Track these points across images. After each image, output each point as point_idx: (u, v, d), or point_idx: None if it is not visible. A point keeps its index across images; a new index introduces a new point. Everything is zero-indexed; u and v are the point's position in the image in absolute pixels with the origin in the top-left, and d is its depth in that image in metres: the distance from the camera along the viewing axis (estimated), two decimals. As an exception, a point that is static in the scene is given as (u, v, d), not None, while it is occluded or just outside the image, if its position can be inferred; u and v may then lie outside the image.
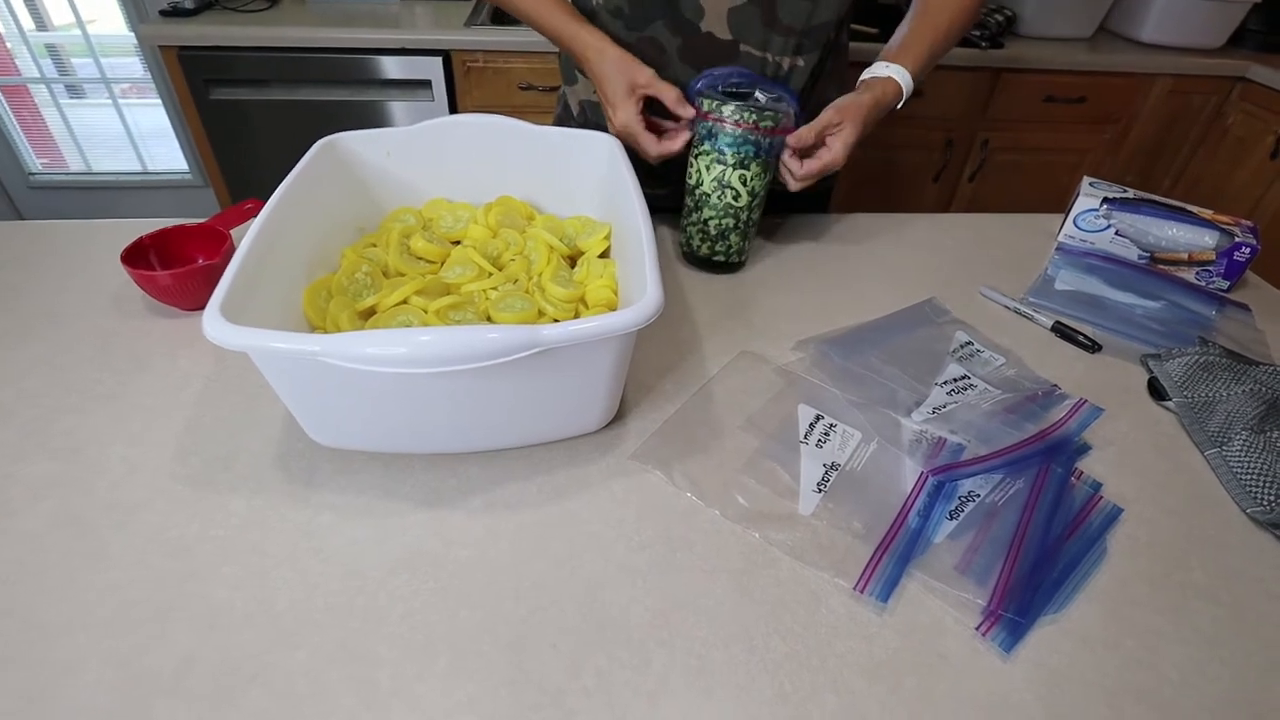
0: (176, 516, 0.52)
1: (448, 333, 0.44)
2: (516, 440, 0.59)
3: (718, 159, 0.78)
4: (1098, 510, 0.57)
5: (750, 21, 0.81)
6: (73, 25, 2.28)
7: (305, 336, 0.44)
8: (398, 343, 0.43)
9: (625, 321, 0.47)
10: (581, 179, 0.78)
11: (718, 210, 0.80)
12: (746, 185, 0.79)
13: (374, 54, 1.73)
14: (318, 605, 0.47)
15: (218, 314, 0.46)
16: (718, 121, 0.76)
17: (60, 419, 0.60)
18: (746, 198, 0.79)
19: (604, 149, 0.75)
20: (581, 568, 0.50)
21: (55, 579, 0.48)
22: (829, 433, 0.62)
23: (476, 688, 0.43)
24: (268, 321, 0.49)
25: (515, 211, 0.76)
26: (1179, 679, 0.46)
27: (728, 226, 0.81)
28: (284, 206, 0.60)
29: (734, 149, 0.77)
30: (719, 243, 0.82)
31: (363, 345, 0.43)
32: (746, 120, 0.75)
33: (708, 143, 0.78)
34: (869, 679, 0.45)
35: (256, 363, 0.49)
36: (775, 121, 0.76)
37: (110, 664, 0.43)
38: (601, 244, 0.72)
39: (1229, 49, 2.03)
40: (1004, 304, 0.82)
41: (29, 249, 0.82)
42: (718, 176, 0.78)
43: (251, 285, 0.51)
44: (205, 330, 0.45)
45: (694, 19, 0.82)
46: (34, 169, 2.45)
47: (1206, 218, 0.87)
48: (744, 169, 0.78)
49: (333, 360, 0.43)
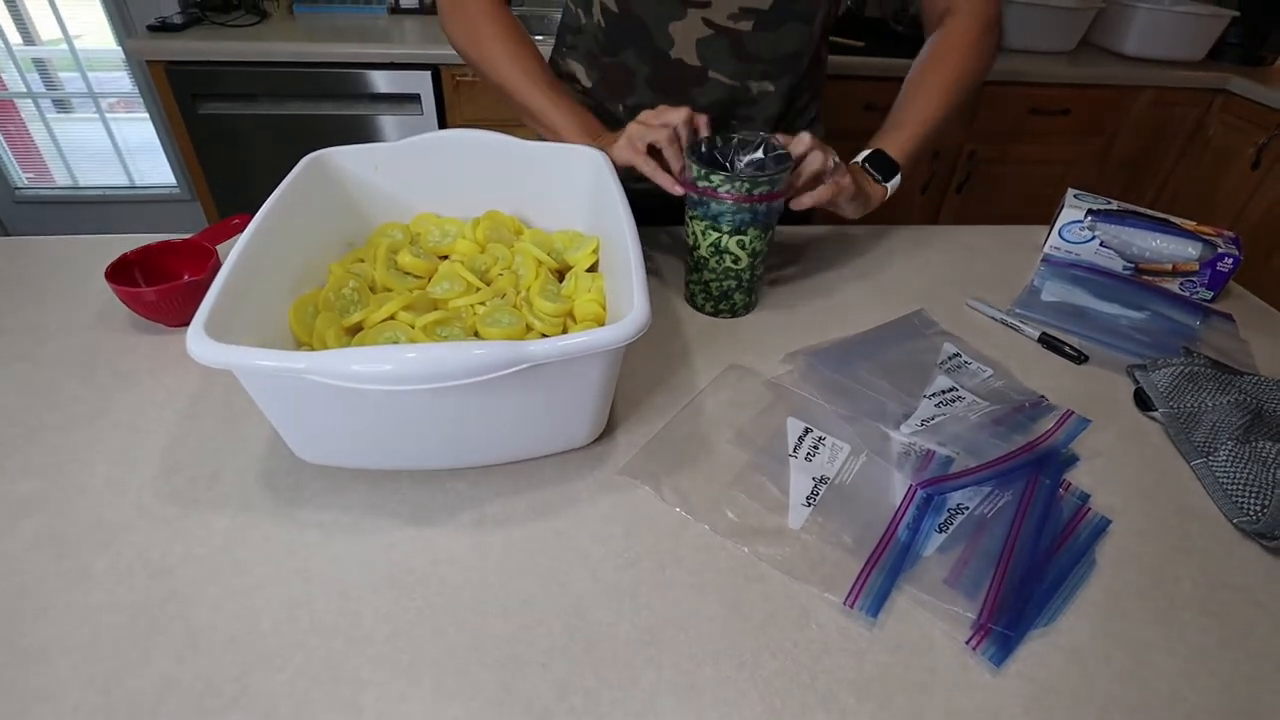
0: (159, 536, 0.51)
1: (433, 349, 0.43)
2: (504, 455, 0.58)
3: (712, 226, 0.73)
4: (1086, 522, 0.57)
5: (719, 51, 0.83)
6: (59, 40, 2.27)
7: (290, 354, 0.43)
8: (383, 359, 0.43)
9: (612, 337, 0.47)
10: (569, 193, 0.78)
11: (717, 273, 0.76)
12: (746, 249, 0.74)
13: (363, 69, 1.73)
14: (302, 625, 0.46)
15: (202, 332, 0.45)
16: (709, 193, 0.70)
17: (42, 437, 0.59)
18: (747, 259, 0.75)
19: (591, 163, 0.75)
20: (570, 585, 0.50)
21: (34, 601, 0.47)
22: (818, 446, 0.62)
23: (463, 709, 0.42)
24: (253, 337, 0.49)
25: (503, 226, 0.76)
26: (1169, 691, 0.46)
27: (730, 287, 0.77)
28: (271, 221, 0.60)
29: (729, 218, 0.71)
30: (723, 301, 0.78)
31: (348, 363, 0.43)
32: (739, 190, 0.69)
33: (699, 209, 0.73)
34: (859, 695, 0.44)
35: (241, 380, 0.48)
36: (772, 185, 0.70)
37: (90, 689, 0.42)
38: (589, 258, 0.72)
39: (1209, 62, 2.06)
40: (991, 315, 0.83)
41: (11, 265, 0.81)
42: (714, 243, 0.73)
43: (236, 301, 0.51)
44: (189, 348, 0.44)
45: (664, 48, 0.84)
46: (20, 183, 2.44)
47: (1190, 229, 0.87)
48: (741, 234, 0.72)
49: (318, 378, 0.43)
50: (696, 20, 0.82)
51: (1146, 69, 1.98)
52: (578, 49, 0.93)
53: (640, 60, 0.86)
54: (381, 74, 1.74)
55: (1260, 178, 1.91)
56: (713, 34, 0.82)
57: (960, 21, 0.89)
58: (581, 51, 0.93)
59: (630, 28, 0.84)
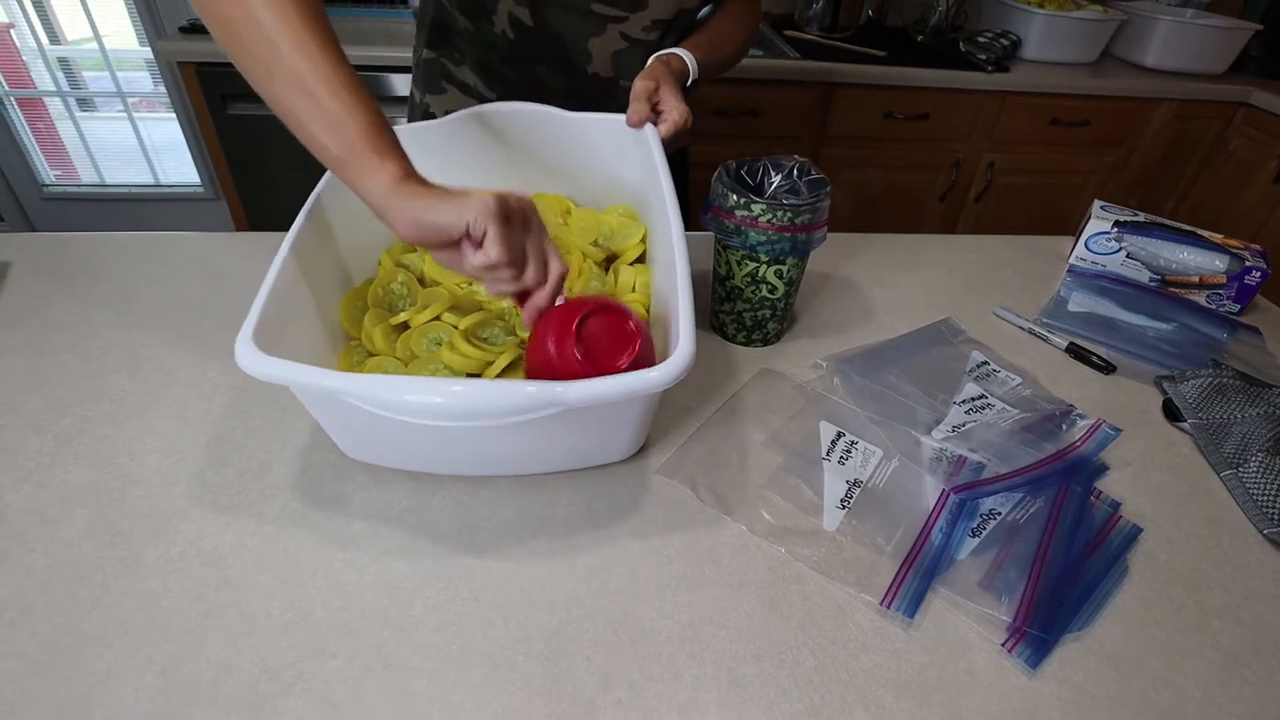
0: (211, 525, 0.53)
1: (469, 391, 0.43)
2: (545, 469, 0.59)
3: (749, 257, 0.70)
4: (1117, 530, 0.58)
5: (632, 61, 0.84)
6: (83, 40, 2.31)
7: (331, 374, 0.43)
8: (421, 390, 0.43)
9: (652, 382, 0.44)
10: (620, 166, 0.76)
11: (752, 303, 0.73)
12: (784, 278, 0.71)
13: (386, 71, 1.75)
14: (353, 614, 0.47)
15: (250, 343, 0.45)
16: (747, 222, 0.68)
17: (93, 428, 0.61)
18: (784, 288, 0.72)
19: (641, 137, 0.73)
20: (612, 580, 0.51)
21: (91, 587, 0.48)
22: (850, 450, 0.63)
23: (511, 698, 0.43)
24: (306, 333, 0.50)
25: (550, 209, 0.77)
26: (1202, 697, 0.47)
27: (764, 317, 0.74)
28: (318, 211, 0.61)
29: (768, 248, 0.68)
30: (755, 331, 0.75)
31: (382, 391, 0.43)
32: (781, 220, 0.66)
33: (735, 239, 0.69)
34: (897, 693, 0.45)
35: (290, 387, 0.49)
36: (814, 214, 0.67)
37: (148, 672, 0.44)
38: (637, 248, 0.72)
39: (1232, 74, 2.06)
40: (1018, 324, 0.83)
41: (54, 260, 0.83)
42: (750, 273, 0.71)
43: (286, 301, 0.52)
44: (238, 360, 0.45)
45: (582, 63, 0.84)
46: (47, 180, 2.47)
47: (1217, 242, 0.88)
48: (780, 264, 0.70)
49: (355, 401, 0.44)
50: (614, 34, 0.82)
51: (1168, 81, 1.97)
52: (470, 56, 0.87)
53: (554, 74, 0.85)
54: (402, 78, 1.76)
55: (1282, 191, 1.91)
56: (628, 46, 0.83)
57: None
58: (474, 59, 0.87)
59: (545, 43, 0.83)
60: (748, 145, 1.81)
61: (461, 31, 0.85)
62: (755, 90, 1.77)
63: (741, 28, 0.93)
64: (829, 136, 1.88)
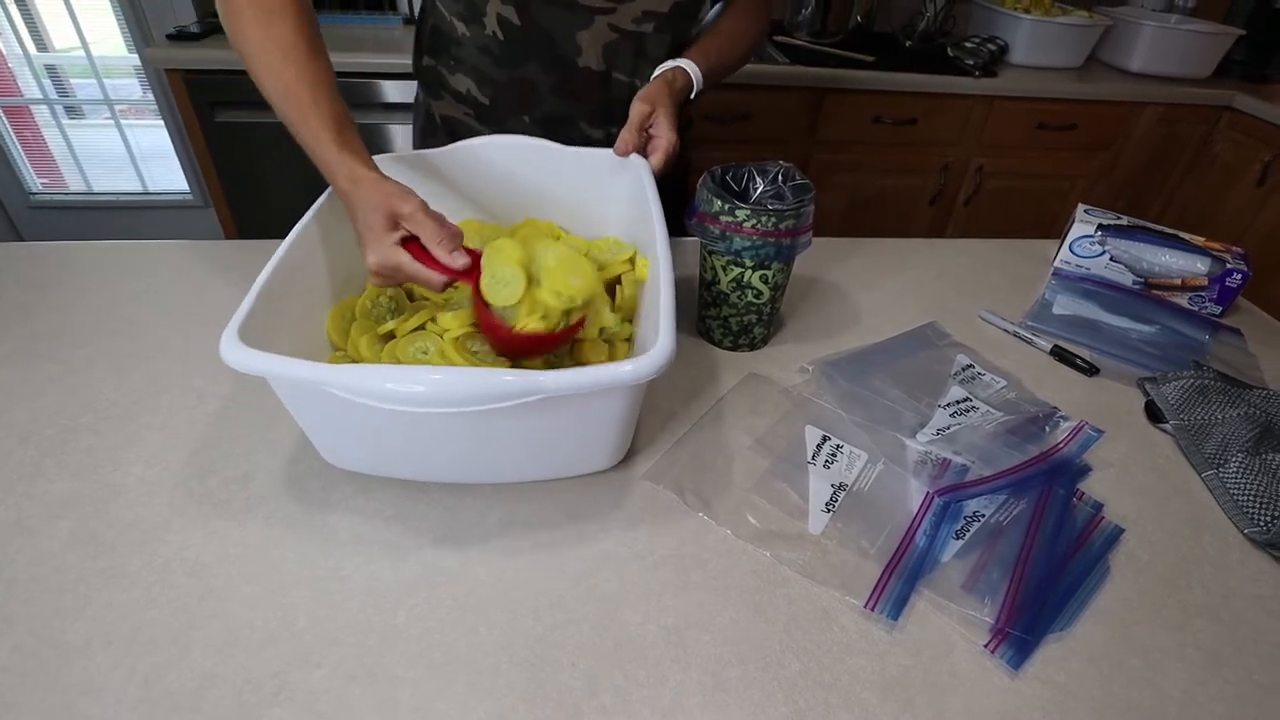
0: (194, 535, 0.53)
1: (447, 377, 0.43)
2: (529, 477, 0.59)
3: (734, 262, 0.70)
4: (1099, 530, 0.58)
5: (622, 53, 0.85)
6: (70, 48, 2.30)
7: (311, 365, 0.44)
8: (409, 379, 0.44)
9: (630, 373, 0.46)
10: (613, 200, 0.77)
11: (738, 308, 0.73)
12: (769, 283, 0.72)
13: (376, 78, 1.75)
14: (337, 624, 0.47)
15: (236, 338, 0.46)
16: (732, 228, 0.68)
17: (77, 438, 0.60)
18: (769, 293, 0.73)
19: (633, 170, 0.74)
20: (597, 586, 0.51)
21: (74, 598, 0.48)
22: (836, 453, 0.63)
23: (496, 704, 0.43)
24: (291, 342, 0.50)
25: (540, 233, 0.77)
26: (1183, 696, 0.47)
27: (750, 321, 0.75)
28: (311, 228, 0.61)
29: (752, 253, 0.69)
30: (742, 336, 0.76)
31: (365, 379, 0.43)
32: (765, 225, 0.67)
33: (720, 244, 0.69)
34: (881, 695, 0.45)
35: (273, 386, 0.50)
36: (798, 219, 0.68)
37: (131, 683, 0.43)
38: (623, 266, 0.73)
39: (1216, 79, 2.08)
40: (1003, 327, 0.84)
41: (39, 269, 0.82)
42: (736, 278, 0.71)
43: (275, 306, 0.52)
44: (222, 354, 0.45)
45: (571, 56, 0.85)
46: (34, 188, 2.46)
47: (1199, 244, 0.89)
48: (765, 269, 0.70)
49: (337, 391, 0.44)
50: (603, 26, 0.83)
51: (1153, 85, 1.99)
52: (465, 63, 0.88)
53: (545, 71, 0.86)
54: (393, 84, 1.76)
55: (1266, 195, 1.92)
56: (618, 38, 0.84)
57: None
58: (469, 66, 0.88)
59: (533, 40, 0.83)
60: (739, 150, 1.81)
61: (459, 38, 0.86)
62: (746, 95, 1.78)
63: (753, 23, 0.94)
64: (819, 141, 1.90)
